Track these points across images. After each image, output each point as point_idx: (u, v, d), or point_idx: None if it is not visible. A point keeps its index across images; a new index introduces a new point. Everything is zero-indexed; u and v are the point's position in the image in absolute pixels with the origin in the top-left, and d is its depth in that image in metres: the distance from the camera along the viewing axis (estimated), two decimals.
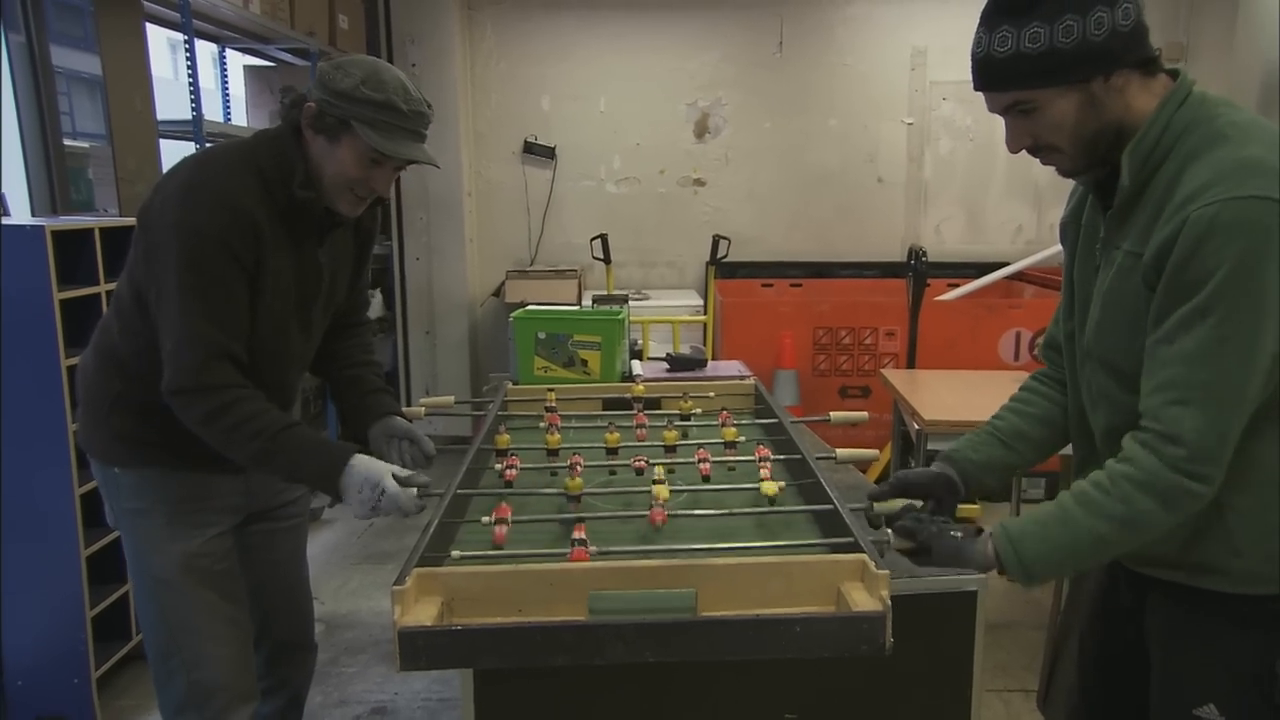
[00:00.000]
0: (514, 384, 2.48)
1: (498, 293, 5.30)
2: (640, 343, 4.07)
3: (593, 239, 4.76)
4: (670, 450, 1.79)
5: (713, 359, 3.29)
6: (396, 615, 1.12)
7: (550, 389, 2.22)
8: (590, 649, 1.10)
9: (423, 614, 1.13)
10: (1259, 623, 1.25)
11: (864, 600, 1.15)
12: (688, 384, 2.34)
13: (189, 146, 3.48)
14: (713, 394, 2.25)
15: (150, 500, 1.75)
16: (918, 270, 3.96)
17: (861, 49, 5.30)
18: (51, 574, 2.61)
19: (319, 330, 1.87)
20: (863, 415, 1.99)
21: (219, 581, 1.79)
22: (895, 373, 3.72)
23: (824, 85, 5.33)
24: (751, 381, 2.37)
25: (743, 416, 2.17)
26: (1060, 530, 1.22)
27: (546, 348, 2.56)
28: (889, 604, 1.13)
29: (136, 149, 3.20)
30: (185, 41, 3.29)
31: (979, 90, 1.28)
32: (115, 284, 1.78)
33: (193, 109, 3.35)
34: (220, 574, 1.79)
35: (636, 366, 2.80)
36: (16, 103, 3.09)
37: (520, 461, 1.70)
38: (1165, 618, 1.34)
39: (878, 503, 1.48)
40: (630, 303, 3.46)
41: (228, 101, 4.39)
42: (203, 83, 3.43)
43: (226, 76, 4.36)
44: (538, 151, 5.37)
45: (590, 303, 3.87)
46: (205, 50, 3.83)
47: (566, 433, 1.98)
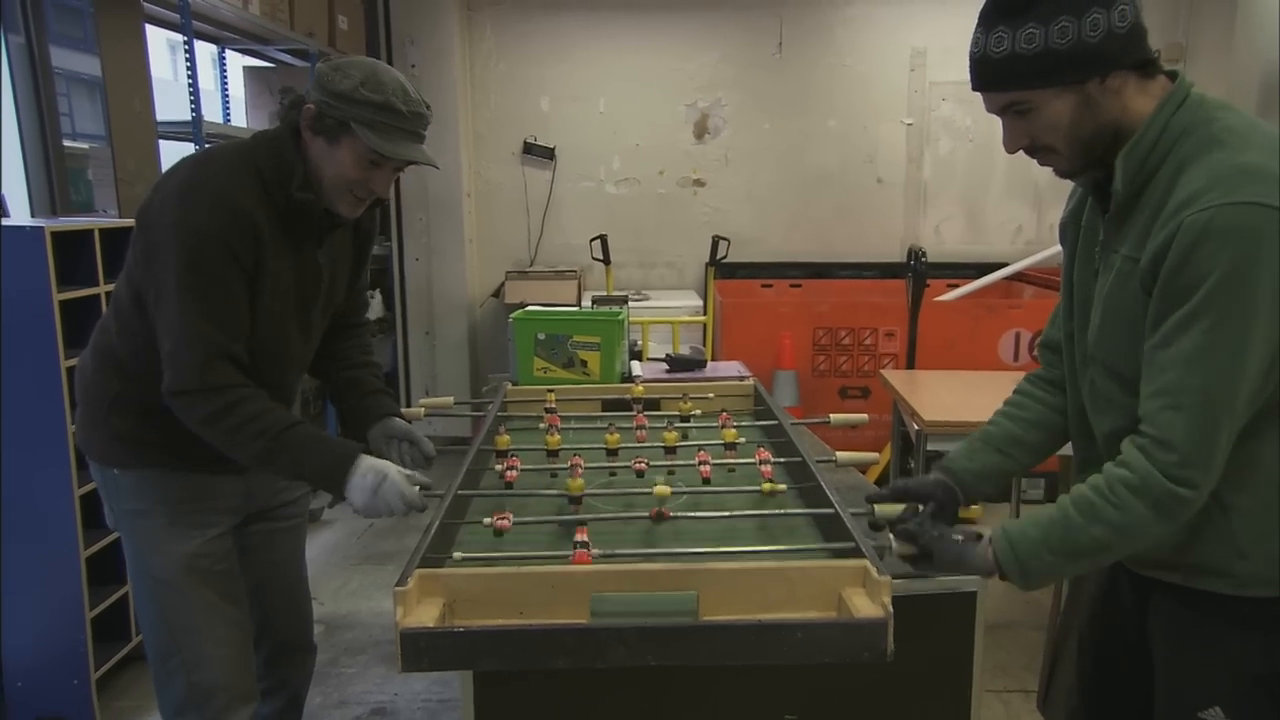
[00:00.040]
0: (513, 385, 2.48)
1: (497, 293, 5.30)
2: (640, 343, 4.07)
3: (592, 240, 4.75)
4: (670, 452, 1.79)
5: (712, 360, 3.28)
6: (399, 616, 1.12)
7: (550, 390, 2.22)
8: (591, 652, 1.11)
9: (425, 615, 1.13)
10: (1263, 625, 1.25)
11: (866, 606, 1.15)
12: (687, 385, 2.34)
13: (188, 147, 3.47)
14: (712, 395, 2.25)
15: (150, 501, 1.74)
16: (917, 271, 3.96)
17: (861, 50, 5.30)
18: (51, 575, 2.60)
19: (318, 331, 1.87)
20: (862, 417, 1.99)
21: (219, 582, 1.79)
22: (895, 373, 3.72)
23: (823, 86, 5.33)
24: (751, 382, 2.37)
25: (742, 418, 2.17)
26: (1059, 535, 1.23)
27: (546, 348, 2.56)
28: (891, 610, 1.13)
29: (136, 150, 3.20)
30: (185, 42, 3.28)
31: (976, 90, 1.28)
32: (114, 285, 1.78)
33: (192, 110, 3.35)
34: (220, 574, 1.79)
35: (636, 367, 2.80)
36: (16, 104, 3.08)
37: (520, 462, 1.70)
38: (1169, 619, 1.34)
39: (878, 505, 1.48)
40: (630, 303, 3.46)
41: (227, 102, 4.38)
42: (202, 84, 3.43)
43: (226, 77, 4.35)
44: (537, 152, 5.37)
45: (590, 303, 3.87)
46: (205, 51, 3.82)
47: (566, 434, 1.98)
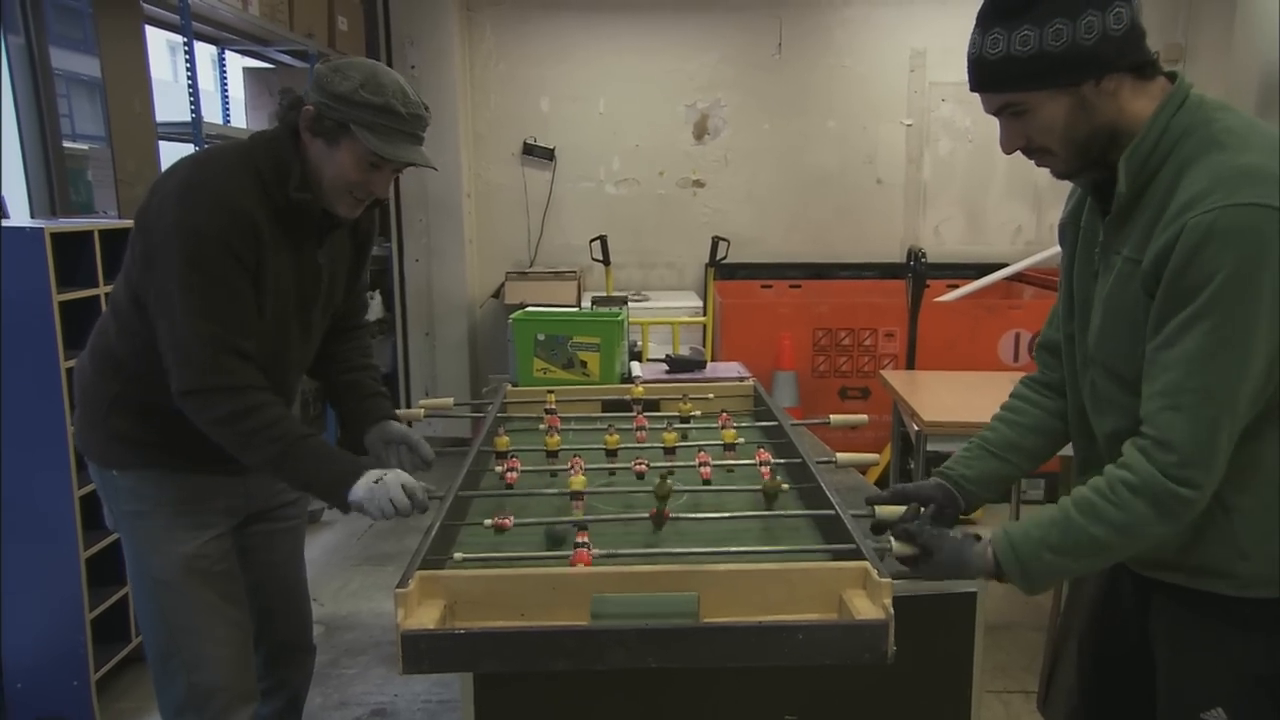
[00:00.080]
0: (513, 385, 2.48)
1: (497, 294, 5.30)
2: (639, 344, 4.07)
3: (592, 240, 4.75)
4: (669, 452, 1.79)
5: (712, 360, 3.28)
6: (400, 618, 1.12)
7: (550, 390, 2.22)
8: (592, 654, 1.11)
9: (425, 617, 1.13)
10: (1265, 625, 1.25)
11: (866, 608, 1.15)
12: (687, 385, 2.34)
13: (188, 148, 3.47)
14: (712, 396, 2.25)
15: (149, 502, 1.74)
16: (917, 271, 3.95)
17: (860, 50, 5.30)
18: (51, 576, 2.60)
19: (318, 332, 1.87)
20: (862, 418, 1.99)
21: (219, 582, 1.78)
22: (895, 374, 3.72)
23: (823, 87, 5.33)
24: (751, 383, 2.37)
25: (742, 418, 2.17)
26: (1060, 535, 1.22)
27: (546, 349, 2.56)
28: (891, 612, 1.13)
29: (136, 151, 3.20)
30: (184, 43, 3.28)
31: (973, 91, 1.28)
32: (113, 286, 1.78)
33: (192, 111, 3.35)
34: (220, 575, 1.79)
35: (636, 368, 2.80)
36: (16, 105, 3.08)
37: (521, 463, 1.70)
38: (1171, 620, 1.34)
39: (879, 507, 1.48)
40: (629, 304, 3.47)
41: (227, 103, 4.38)
42: (202, 85, 3.42)
43: (226, 78, 4.35)
44: (537, 153, 5.37)
45: (589, 304, 3.87)
46: (204, 52, 3.82)
47: (566, 434, 1.98)
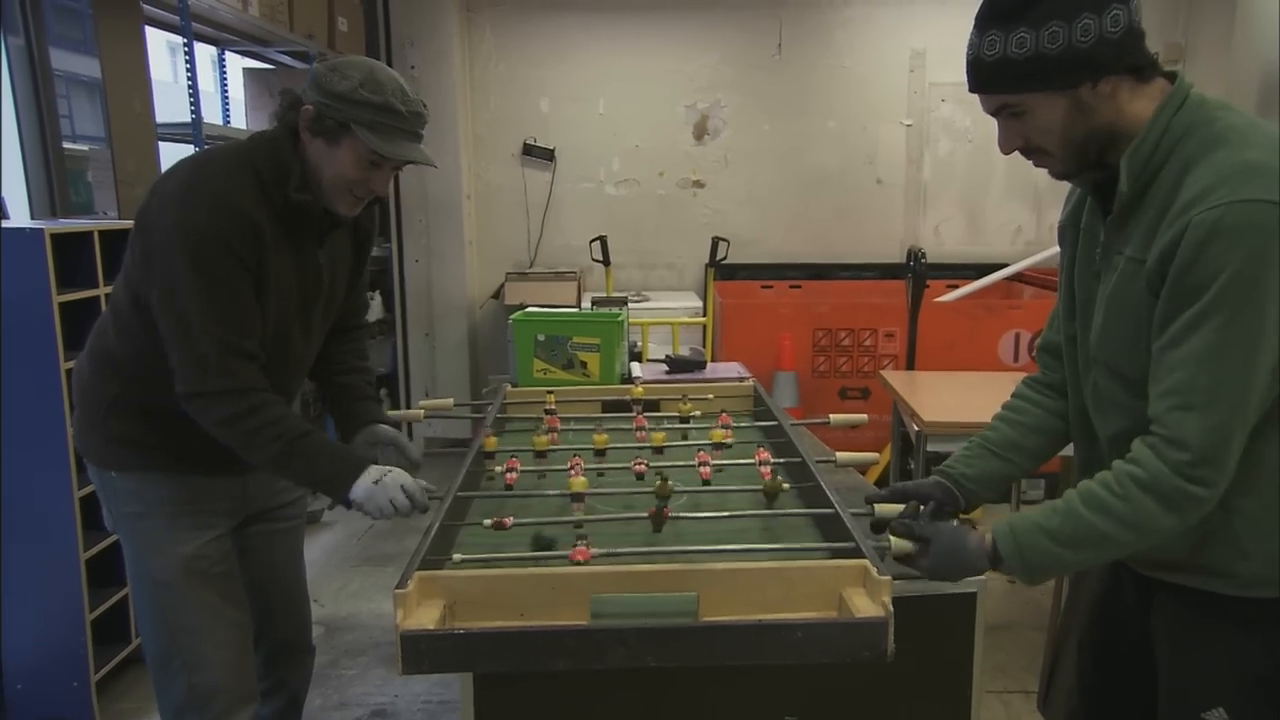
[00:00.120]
0: (513, 386, 2.48)
1: (497, 295, 5.30)
2: (639, 344, 4.07)
3: (592, 241, 4.75)
4: (658, 452, 1.79)
5: (712, 361, 3.28)
6: (399, 618, 1.12)
7: (549, 391, 2.22)
8: (591, 653, 1.11)
9: (425, 617, 1.13)
10: (1266, 625, 1.25)
11: (866, 606, 1.15)
12: (687, 386, 2.34)
13: (188, 149, 3.47)
14: (711, 396, 2.25)
15: (149, 503, 1.74)
16: (917, 271, 3.96)
17: (860, 51, 5.30)
18: (51, 577, 2.60)
19: (319, 333, 1.87)
20: (862, 417, 1.99)
21: (218, 583, 1.78)
22: (895, 374, 3.71)
23: (823, 87, 5.33)
24: (750, 383, 2.37)
25: (742, 418, 2.18)
26: (1062, 524, 1.22)
27: (546, 350, 2.56)
28: (891, 610, 1.13)
29: (136, 152, 3.20)
30: (184, 44, 3.28)
31: (972, 92, 1.28)
32: (112, 287, 1.78)
33: (192, 112, 3.35)
34: (220, 576, 1.79)
35: (636, 368, 2.80)
36: (16, 106, 3.08)
37: (520, 464, 1.70)
38: (1172, 620, 1.34)
39: (878, 506, 1.48)
40: (629, 305, 3.46)
41: (227, 104, 4.38)
42: (202, 85, 3.42)
43: (226, 79, 4.35)
44: (537, 154, 5.37)
45: (589, 305, 3.87)
46: (204, 53, 3.82)
47: (566, 435, 1.98)
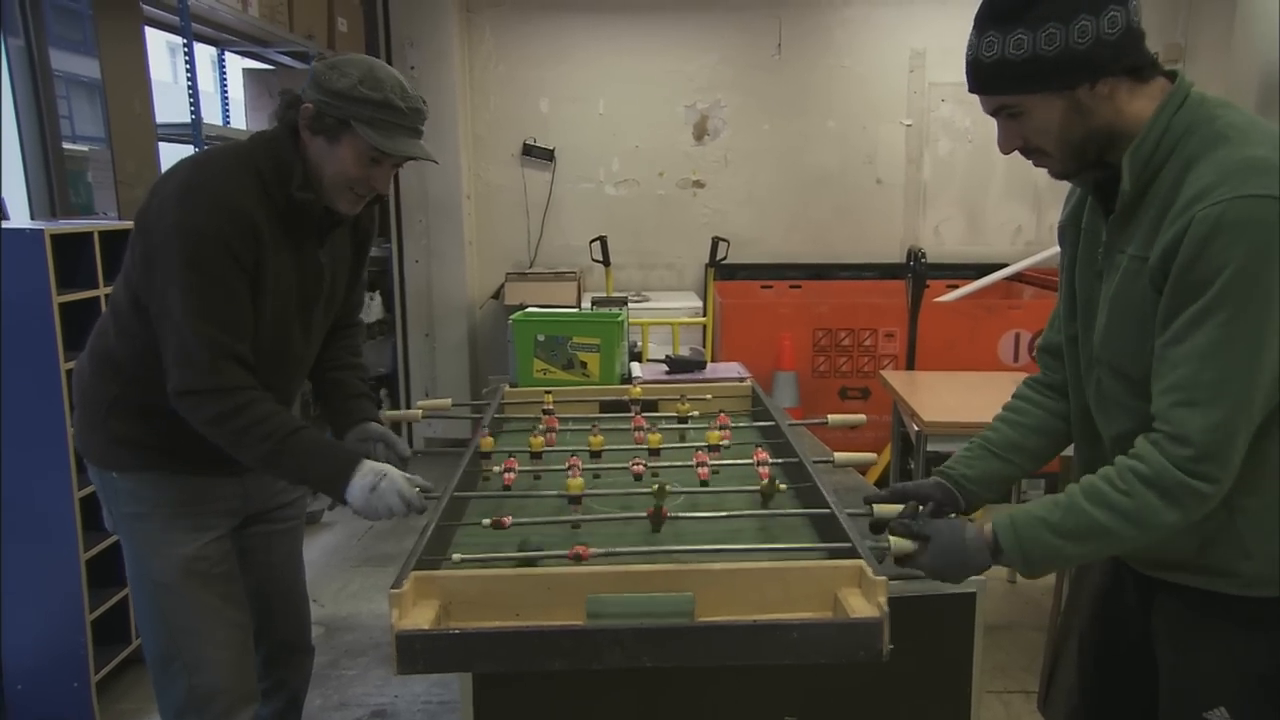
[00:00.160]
0: (512, 386, 2.48)
1: (497, 295, 5.30)
2: (639, 345, 4.07)
3: (592, 241, 4.75)
4: (654, 453, 1.78)
5: (712, 361, 3.28)
6: (394, 618, 1.12)
7: (547, 391, 2.22)
8: (587, 654, 1.11)
9: (420, 617, 1.13)
10: (1269, 625, 1.25)
11: (861, 606, 1.15)
12: (685, 386, 2.34)
13: (188, 149, 3.47)
14: (710, 396, 2.25)
15: (149, 504, 1.74)
16: (917, 271, 3.95)
17: (860, 51, 5.30)
18: (51, 577, 2.61)
19: (319, 332, 1.87)
20: (860, 418, 1.99)
21: (219, 584, 1.78)
22: (895, 374, 3.71)
23: (822, 87, 5.33)
24: (749, 383, 2.37)
25: (740, 419, 2.17)
26: (1064, 518, 1.22)
27: (546, 350, 2.56)
28: (886, 610, 1.13)
29: (136, 152, 3.20)
30: (184, 45, 3.28)
31: (971, 92, 1.28)
32: (112, 287, 1.78)
33: (192, 112, 3.35)
34: (220, 577, 1.79)
35: (636, 369, 2.80)
36: (16, 106, 3.09)
37: (518, 464, 1.70)
38: (1174, 619, 1.34)
39: (877, 506, 1.48)
40: (629, 305, 3.46)
41: (227, 105, 4.39)
42: (202, 86, 3.43)
43: (225, 80, 4.35)
44: (537, 154, 5.37)
45: (589, 305, 3.87)
46: (204, 53, 3.82)
47: (563, 435, 1.98)
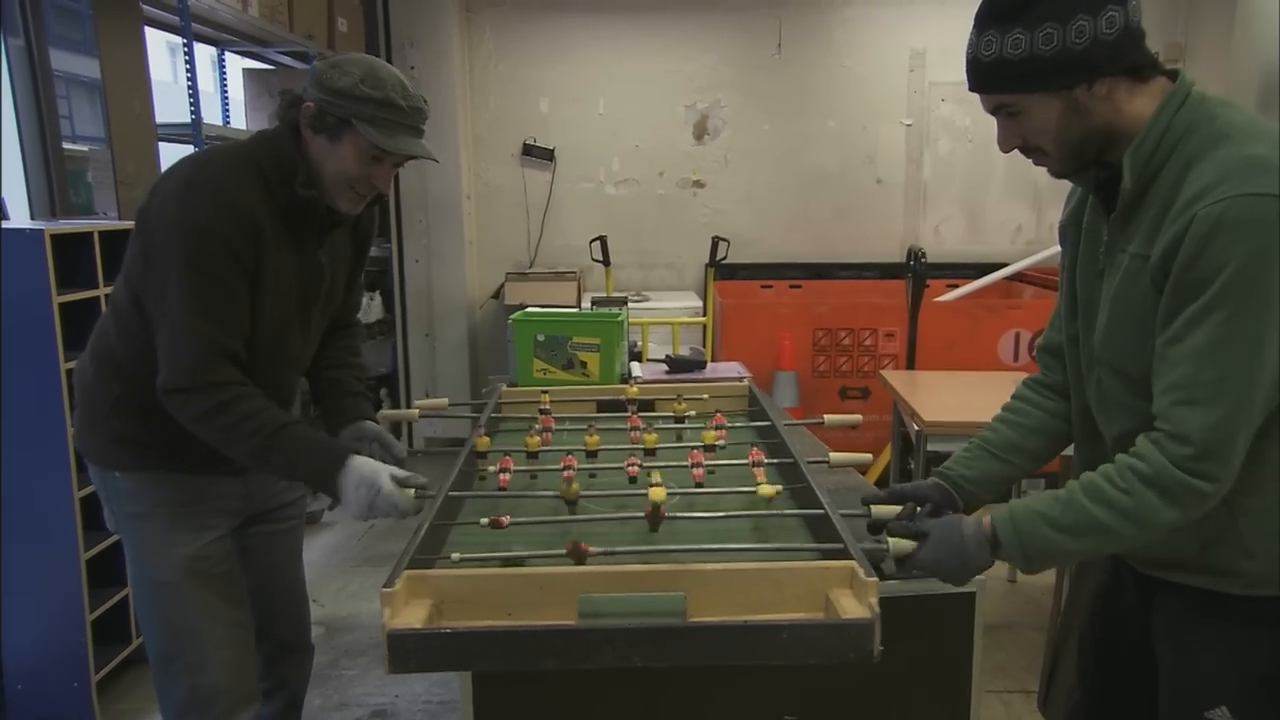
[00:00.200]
0: (511, 386, 2.48)
1: (497, 295, 5.30)
2: (639, 344, 4.07)
3: (592, 241, 4.75)
4: (650, 454, 1.79)
5: (712, 361, 3.28)
6: (386, 617, 1.12)
7: (544, 391, 2.22)
8: (579, 653, 1.11)
9: (412, 616, 1.13)
10: (1270, 624, 1.25)
11: (852, 607, 1.15)
12: (682, 386, 2.34)
13: (188, 149, 3.48)
14: (707, 396, 2.24)
15: (150, 503, 1.75)
16: (917, 271, 3.95)
17: (860, 51, 5.30)
18: (51, 577, 2.61)
19: (317, 331, 1.87)
20: (856, 418, 1.98)
21: (220, 584, 1.79)
22: (895, 374, 3.71)
23: (822, 87, 5.33)
24: (746, 383, 2.37)
25: (736, 419, 2.17)
26: (1063, 513, 1.22)
27: (546, 350, 2.56)
28: (877, 611, 1.13)
29: (136, 152, 3.21)
30: (184, 45, 3.29)
31: (971, 91, 1.29)
32: (112, 287, 1.78)
33: (192, 112, 3.36)
34: (221, 576, 1.79)
35: (636, 368, 2.80)
36: (16, 106, 3.09)
37: (514, 464, 1.70)
38: (1174, 619, 1.34)
39: (875, 507, 1.47)
40: (629, 305, 3.46)
41: (227, 105, 4.40)
42: (202, 86, 3.43)
43: (225, 80, 4.36)
44: (537, 154, 5.38)
45: (589, 305, 3.87)
46: (204, 53, 3.83)
47: (560, 435, 1.98)
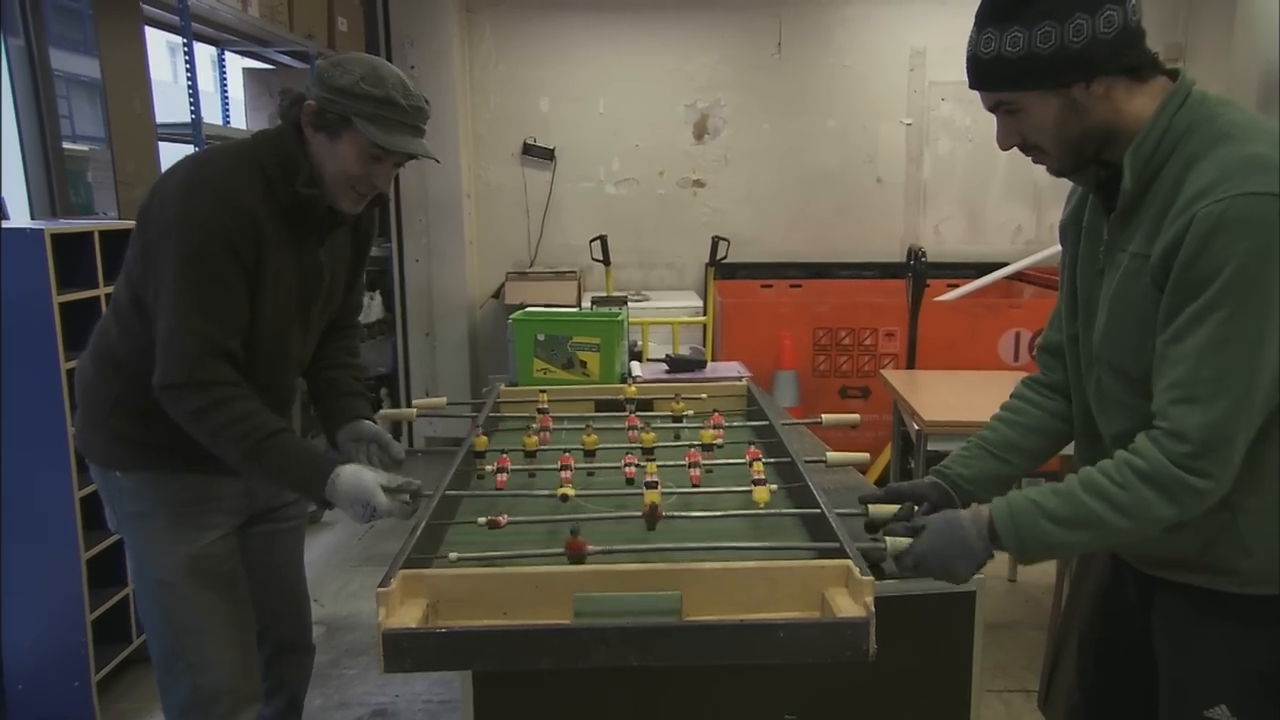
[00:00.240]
0: (511, 385, 2.49)
1: (497, 294, 5.31)
2: (640, 344, 4.07)
3: (592, 240, 4.75)
4: (648, 453, 1.78)
5: (712, 360, 3.28)
6: (381, 617, 1.12)
7: (542, 390, 2.22)
8: (574, 653, 1.11)
9: (407, 616, 1.13)
10: (1269, 622, 1.25)
11: (848, 606, 1.15)
12: (680, 385, 2.34)
13: (188, 149, 3.48)
14: (705, 395, 2.25)
15: (152, 503, 1.75)
16: (917, 270, 3.95)
17: (860, 50, 5.29)
18: (52, 577, 2.61)
19: (317, 331, 1.87)
20: (854, 417, 1.99)
21: (223, 584, 1.79)
22: (895, 373, 3.71)
23: (823, 86, 5.32)
24: (744, 383, 2.37)
25: (734, 418, 2.18)
26: (1060, 506, 1.22)
27: (546, 349, 2.56)
28: (873, 610, 1.13)
29: (136, 152, 3.21)
30: (184, 44, 3.29)
31: (971, 88, 1.29)
32: (113, 286, 1.78)
33: (192, 112, 3.36)
34: (223, 576, 1.79)
35: (636, 368, 2.80)
36: (16, 106, 3.10)
37: (511, 463, 1.70)
38: (1173, 617, 1.34)
39: (873, 506, 1.48)
40: (629, 304, 3.47)
41: (227, 104, 4.40)
42: (202, 85, 3.43)
43: (225, 79, 4.37)
44: (537, 153, 5.37)
45: (589, 304, 3.87)
46: (204, 53, 3.83)
47: (558, 435, 1.98)
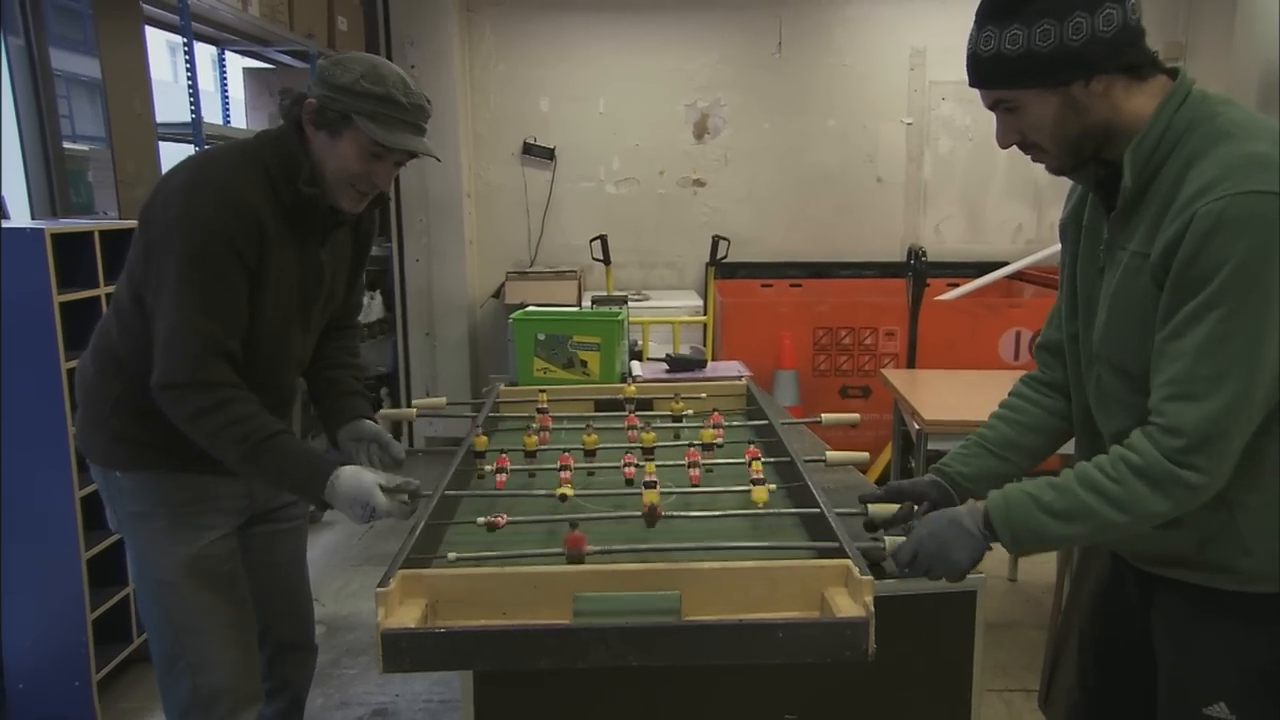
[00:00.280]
0: (511, 385, 2.49)
1: (497, 294, 5.31)
2: (640, 344, 4.07)
3: (592, 240, 4.76)
4: (648, 453, 1.79)
5: (712, 360, 3.28)
6: (380, 617, 1.13)
7: (542, 390, 2.22)
8: (573, 652, 1.11)
9: (406, 616, 1.14)
10: (1268, 620, 1.25)
11: (847, 606, 1.15)
12: (680, 385, 2.34)
13: (188, 149, 3.48)
14: (704, 395, 2.25)
15: (152, 503, 1.75)
16: (917, 270, 3.95)
17: (860, 49, 5.29)
18: (52, 576, 2.61)
19: (317, 331, 1.87)
20: (854, 417, 1.99)
21: (223, 584, 1.79)
22: (895, 373, 3.71)
23: (823, 86, 5.32)
24: (744, 382, 2.37)
25: (734, 417, 2.18)
26: (1055, 498, 1.23)
27: (546, 349, 2.56)
28: (872, 610, 1.13)
29: (136, 152, 3.21)
30: (184, 44, 3.29)
31: (971, 86, 1.29)
32: (114, 286, 1.78)
33: (192, 111, 3.36)
34: (224, 576, 1.79)
35: (636, 367, 2.80)
36: (16, 106, 3.10)
37: (511, 463, 1.70)
38: (1174, 615, 1.34)
39: (872, 505, 1.48)
40: (630, 304, 3.46)
41: (227, 104, 4.40)
42: (202, 85, 3.43)
43: (226, 79, 4.36)
44: (537, 153, 5.37)
45: (590, 304, 3.87)
46: (204, 53, 3.83)
47: (558, 434, 1.98)
